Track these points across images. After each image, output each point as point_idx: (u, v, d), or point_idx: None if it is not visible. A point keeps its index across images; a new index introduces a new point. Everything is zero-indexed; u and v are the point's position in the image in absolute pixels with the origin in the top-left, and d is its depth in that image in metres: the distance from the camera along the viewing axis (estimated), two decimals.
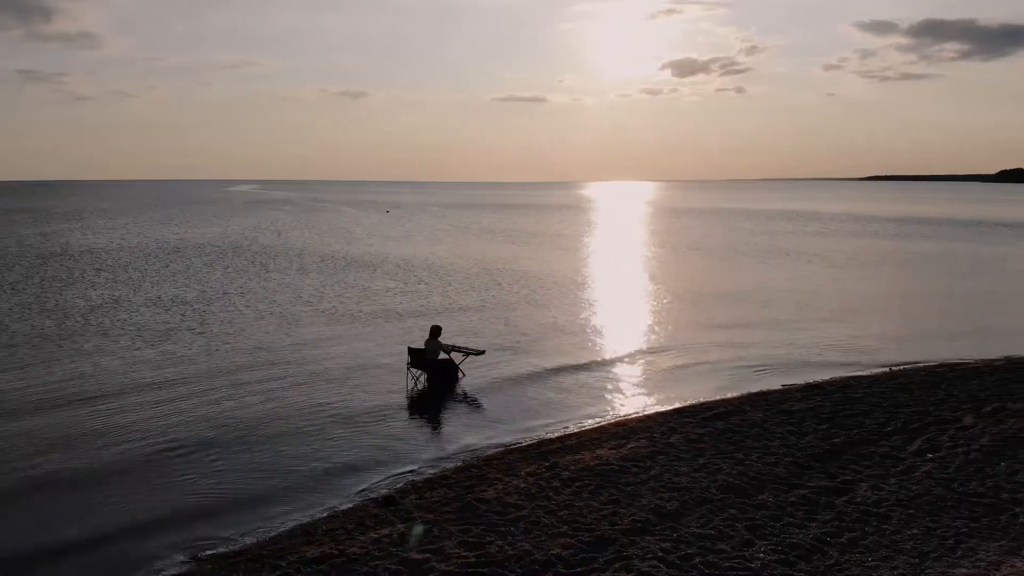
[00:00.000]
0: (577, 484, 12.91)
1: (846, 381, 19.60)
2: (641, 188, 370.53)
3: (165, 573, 10.73)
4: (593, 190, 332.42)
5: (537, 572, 10.09)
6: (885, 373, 20.65)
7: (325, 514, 12.46)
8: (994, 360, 21.70)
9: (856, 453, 14.08)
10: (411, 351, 20.64)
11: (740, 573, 9.89)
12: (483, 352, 21.20)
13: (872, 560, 10.16)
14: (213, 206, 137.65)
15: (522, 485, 12.94)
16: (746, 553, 10.39)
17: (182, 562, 11.00)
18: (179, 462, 14.80)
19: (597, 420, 17.07)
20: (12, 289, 36.19)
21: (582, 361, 22.58)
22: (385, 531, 11.43)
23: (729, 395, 18.62)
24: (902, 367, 21.28)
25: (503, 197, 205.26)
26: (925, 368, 20.99)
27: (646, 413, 17.39)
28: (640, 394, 19.38)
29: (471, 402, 18.95)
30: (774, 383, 19.75)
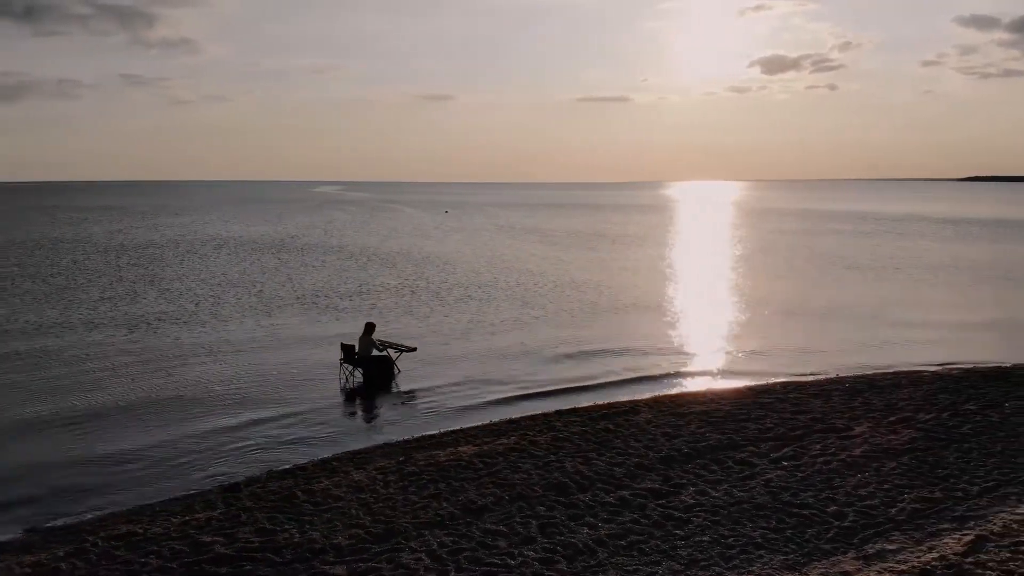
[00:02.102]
0: (413, 479, 13.07)
1: (784, 385, 18.99)
2: (727, 188, 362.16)
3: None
4: (677, 190, 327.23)
5: (307, 559, 10.36)
6: (830, 379, 19.86)
7: (168, 496, 13.05)
8: (953, 367, 20.56)
9: (712, 458, 13.70)
10: (344, 347, 21.15)
11: (495, 569, 9.89)
12: (415, 349, 21.52)
13: (635, 564, 9.96)
14: (287, 205, 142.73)
15: (359, 478, 13.19)
16: (517, 551, 10.36)
17: (24, 530, 11.79)
18: (65, 436, 15.76)
19: (498, 417, 17.08)
20: (42, 274, 38.75)
21: (535, 363, 22.22)
22: (201, 515, 11.91)
23: (640, 396, 18.32)
24: (854, 373, 20.39)
25: (580, 198, 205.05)
26: (879, 374, 20.05)
27: (541, 412, 17.27)
28: (562, 393, 19.18)
29: (398, 399, 19.19)
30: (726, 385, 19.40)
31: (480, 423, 16.63)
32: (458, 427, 16.42)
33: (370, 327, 21.27)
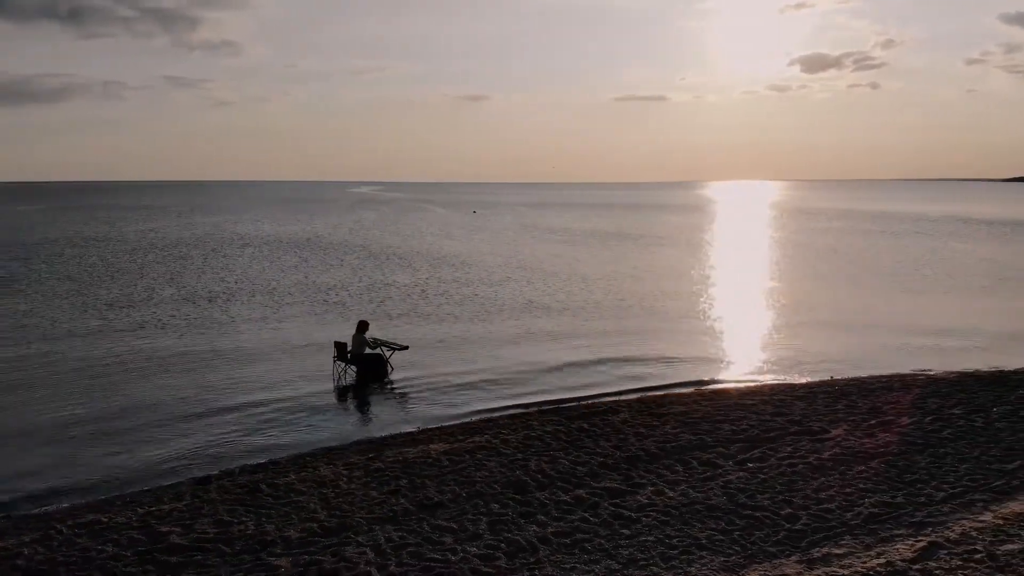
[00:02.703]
0: (377, 475, 13.23)
1: (772, 387, 18.80)
2: (766, 188, 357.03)
3: None
4: (715, 190, 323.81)
5: (256, 550, 10.57)
6: (822, 381, 19.58)
7: (142, 487, 13.40)
8: (954, 371, 20.10)
9: (679, 458, 13.63)
10: (337, 345, 21.43)
11: (434, 564, 9.98)
12: (407, 347, 21.72)
13: (574, 563, 9.98)
14: (321, 205, 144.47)
15: (325, 474, 13.39)
16: (460, 547, 10.44)
17: None
18: (55, 426, 16.24)
19: (482, 416, 17.15)
20: (67, 271, 39.86)
21: (532, 363, 22.13)
22: (167, 506, 12.21)
23: (625, 397, 18.27)
24: (852, 376, 20.06)
25: (615, 198, 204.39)
26: (872, 377, 19.70)
27: (522, 411, 17.33)
28: (553, 392, 19.15)
29: (388, 397, 19.40)
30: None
31: (460, 421, 16.76)
32: (438, 425, 16.57)
33: (363, 325, 21.52)
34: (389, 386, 20.27)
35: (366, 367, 21.06)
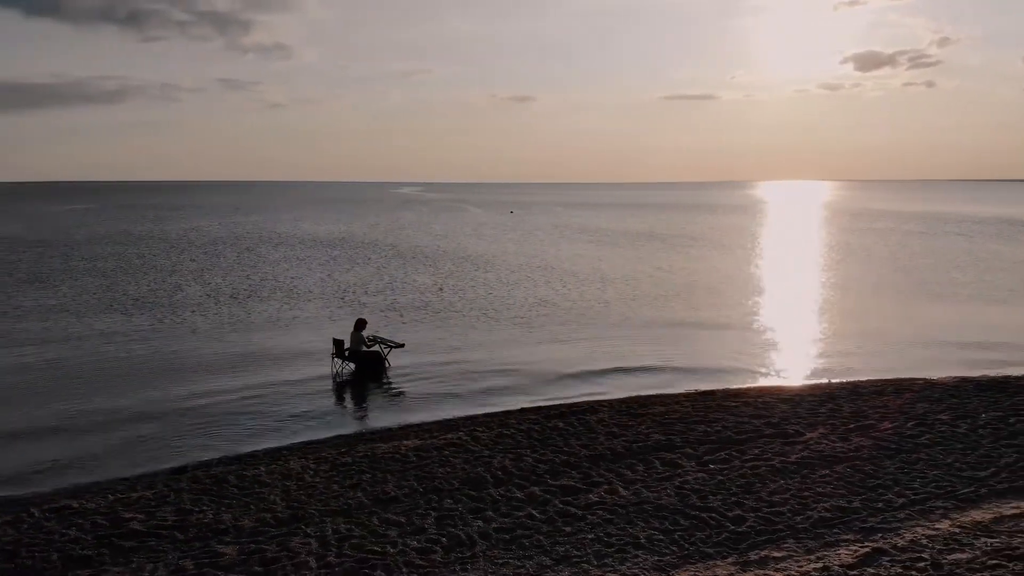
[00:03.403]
0: (343, 469, 13.50)
1: (760, 390, 18.61)
2: (818, 188, 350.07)
3: None
4: (765, 190, 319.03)
5: (207, 537, 10.92)
6: (813, 384, 19.30)
7: (119, 475, 13.90)
8: (956, 376, 19.59)
9: (642, 458, 13.61)
10: (335, 342, 21.83)
11: (371, 556, 10.19)
12: (403, 345, 22.02)
13: (507, 558, 10.08)
14: (363, 206, 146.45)
15: (294, 467, 13.70)
16: (402, 541, 10.62)
17: None
18: (55, 414, 16.89)
19: (460, 414, 17.33)
20: (104, 267, 41.25)
21: (531, 363, 22.16)
22: (136, 494, 12.65)
23: (609, 397, 18.25)
24: (846, 380, 19.73)
25: (661, 197, 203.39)
26: (868, 381, 19.32)
27: (504, 409, 17.45)
28: (541, 390, 19.25)
29: (382, 394, 19.69)
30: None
31: (442, 418, 16.96)
32: (419, 422, 16.80)
33: (360, 323, 21.87)
34: (386, 383, 20.59)
35: (363, 364, 21.41)
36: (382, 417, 17.50)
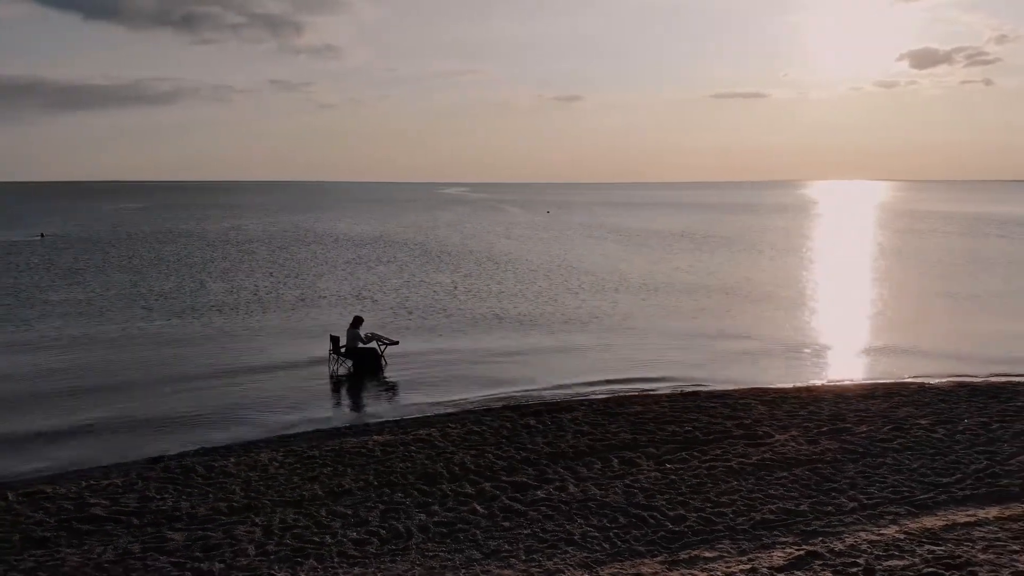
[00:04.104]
0: (308, 462, 13.81)
1: (744, 391, 18.40)
2: (871, 188, 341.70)
3: None
4: (817, 190, 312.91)
5: (160, 523, 11.34)
6: (804, 387, 19.02)
7: (99, 463, 14.41)
8: (952, 379, 19.10)
9: (602, 456, 13.65)
10: (332, 338, 22.25)
11: (308, 546, 10.47)
12: (397, 342, 22.32)
13: (438, 551, 10.26)
14: (405, 206, 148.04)
15: (262, 459, 14.06)
16: (343, 532, 10.88)
17: None
18: (58, 402, 17.60)
19: (439, 410, 17.51)
20: (139, 264, 42.62)
21: (531, 363, 22.10)
22: (107, 481, 13.17)
23: (589, 397, 18.25)
24: (840, 383, 19.42)
25: (707, 197, 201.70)
26: (862, 384, 19.01)
27: (486, 407, 17.57)
28: (534, 390, 19.24)
29: (376, 390, 19.94)
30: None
31: (418, 415, 17.18)
32: (398, 417, 17.06)
33: (357, 321, 22.24)
34: (382, 379, 20.90)
35: (360, 361, 21.78)
36: (365, 413, 17.82)
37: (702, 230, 77.36)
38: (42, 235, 67.80)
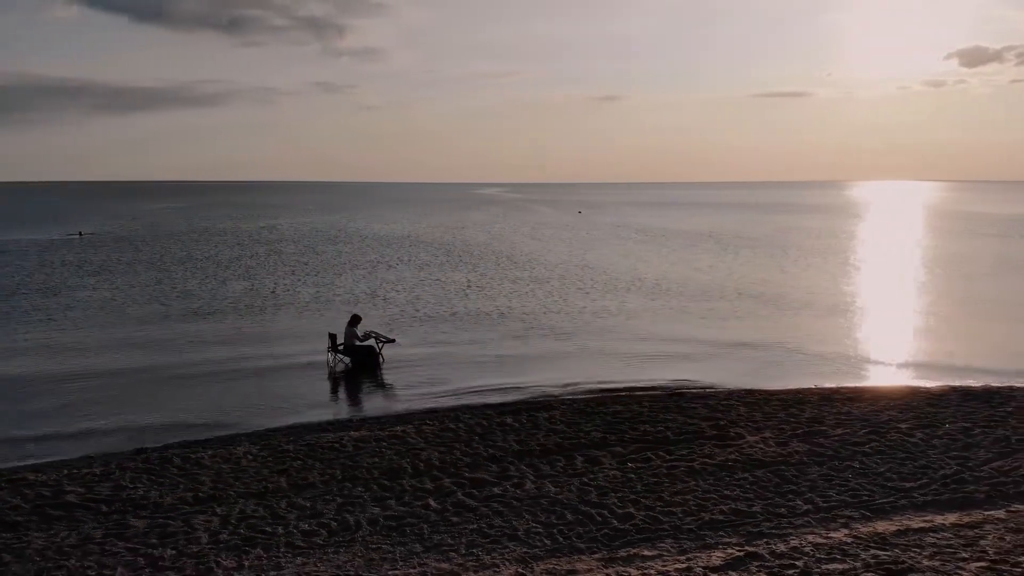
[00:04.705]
0: (280, 456, 14.15)
1: (730, 393, 18.30)
2: (919, 189, 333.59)
3: None
4: (862, 190, 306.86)
5: (126, 511, 11.78)
6: (798, 389, 18.83)
7: (85, 453, 14.97)
8: (949, 385, 18.72)
9: (567, 454, 13.75)
10: (331, 336, 22.67)
11: (259, 536, 10.77)
12: (394, 340, 22.64)
13: (382, 543, 10.48)
14: (439, 206, 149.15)
15: (237, 452, 14.44)
16: (295, 524, 11.17)
17: None
18: (60, 393, 18.29)
19: (417, 408, 17.71)
20: (168, 261, 43.77)
21: (530, 363, 22.18)
22: (87, 470, 13.66)
23: (574, 396, 18.32)
24: (834, 386, 19.17)
25: (745, 197, 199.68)
26: (857, 388, 18.74)
27: (468, 405, 17.75)
28: (525, 388, 19.35)
29: (371, 387, 20.32)
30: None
31: (398, 411, 17.45)
32: (380, 414, 17.36)
33: (355, 319, 22.62)
34: (379, 377, 21.23)
35: (358, 358, 22.15)
36: (351, 409, 18.22)
37: (732, 230, 76.54)
38: (80, 233, 69.94)
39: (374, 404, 18.55)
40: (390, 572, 9.70)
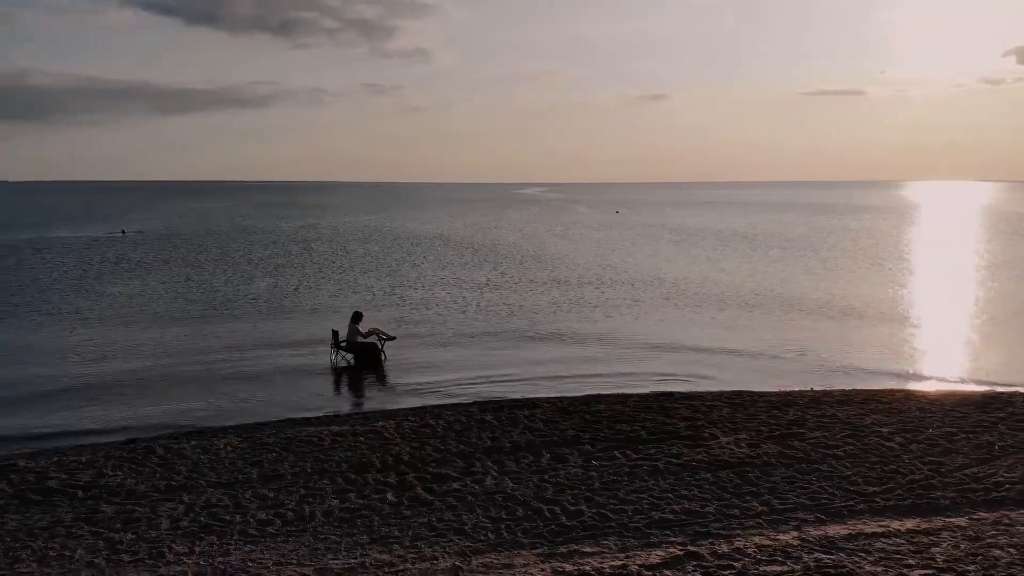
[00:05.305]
0: (258, 448, 14.51)
1: (718, 394, 18.13)
2: (976, 189, 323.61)
3: None
4: (916, 190, 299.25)
5: (100, 497, 12.26)
6: (794, 391, 18.62)
7: (80, 443, 15.60)
8: (950, 391, 18.31)
9: (535, 451, 13.86)
10: (334, 332, 23.12)
11: (216, 524, 11.14)
12: (394, 338, 22.98)
13: (331, 534, 10.74)
14: (477, 206, 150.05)
15: (219, 445, 14.85)
16: (255, 512, 11.52)
17: None
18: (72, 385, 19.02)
19: (404, 406, 17.96)
20: (203, 259, 45.02)
21: (529, 364, 22.18)
22: (75, 458, 14.24)
23: (565, 394, 18.38)
24: (828, 388, 18.90)
25: (794, 197, 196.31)
26: (839, 391, 18.41)
27: (454, 402, 17.96)
28: (521, 387, 19.49)
29: (370, 384, 20.64)
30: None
31: (384, 407, 17.76)
32: (368, 409, 17.70)
33: (357, 316, 23.02)
34: (381, 373, 21.60)
35: (361, 355, 22.55)
36: (344, 405, 18.60)
37: (769, 230, 75.46)
38: (123, 231, 72.20)
39: (367, 400, 18.89)
40: (332, 562, 9.96)
